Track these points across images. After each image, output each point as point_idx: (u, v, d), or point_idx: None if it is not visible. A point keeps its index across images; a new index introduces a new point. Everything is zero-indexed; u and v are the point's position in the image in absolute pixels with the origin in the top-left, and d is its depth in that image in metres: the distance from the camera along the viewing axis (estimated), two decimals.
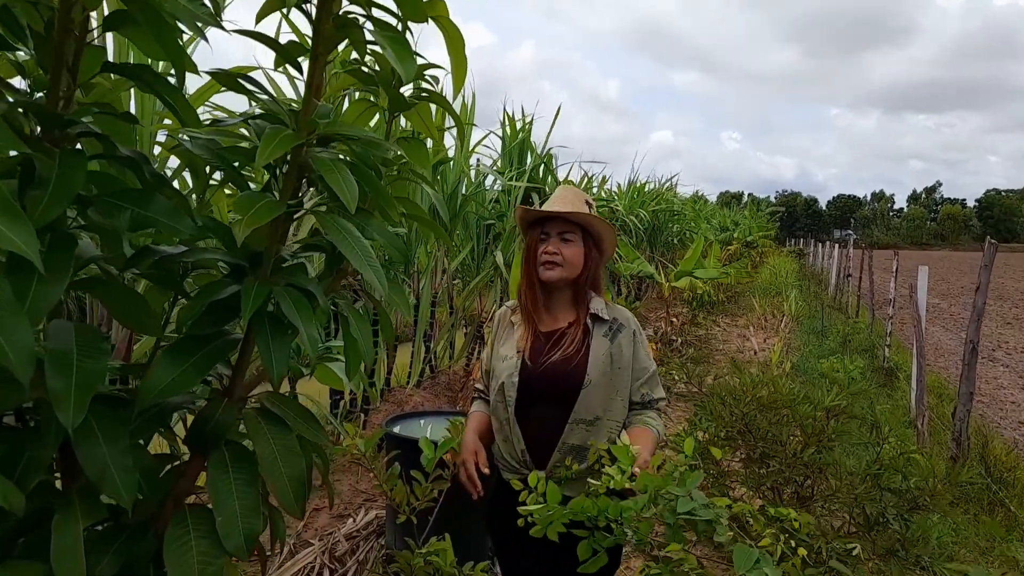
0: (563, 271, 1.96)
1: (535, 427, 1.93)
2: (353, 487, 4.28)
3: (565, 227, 1.97)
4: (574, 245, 1.97)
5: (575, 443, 1.90)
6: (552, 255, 1.96)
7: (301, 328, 0.86)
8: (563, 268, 1.96)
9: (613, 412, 1.93)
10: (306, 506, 2.21)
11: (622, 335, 1.98)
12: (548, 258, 1.96)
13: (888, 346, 8.53)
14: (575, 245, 1.97)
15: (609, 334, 1.97)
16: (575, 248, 1.97)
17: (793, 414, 3.58)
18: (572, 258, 1.96)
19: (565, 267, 1.96)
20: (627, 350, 1.97)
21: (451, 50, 1.28)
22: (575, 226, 1.98)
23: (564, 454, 1.90)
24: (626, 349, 1.97)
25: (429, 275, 6.18)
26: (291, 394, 2.32)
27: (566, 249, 1.96)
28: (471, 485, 1.96)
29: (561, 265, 1.95)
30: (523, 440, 1.94)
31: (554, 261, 1.96)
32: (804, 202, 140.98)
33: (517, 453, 1.95)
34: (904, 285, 9.70)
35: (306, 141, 0.89)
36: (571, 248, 1.97)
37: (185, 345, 0.90)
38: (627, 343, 1.98)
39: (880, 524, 3.16)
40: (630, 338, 1.99)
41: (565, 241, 1.96)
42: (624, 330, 2.00)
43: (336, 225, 0.87)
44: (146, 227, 0.79)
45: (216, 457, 0.97)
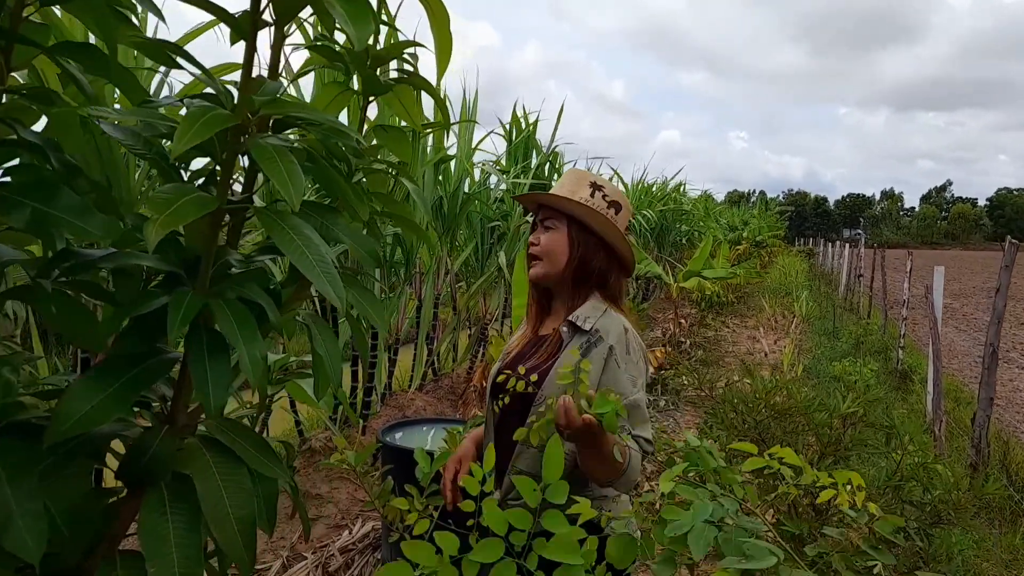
0: (543, 266, 1.71)
1: (501, 441, 1.68)
2: (351, 495, 4.15)
3: (548, 213, 1.74)
4: (554, 233, 1.71)
5: (524, 468, 1.61)
6: (532, 246, 1.73)
7: (242, 347, 0.72)
8: (542, 262, 1.71)
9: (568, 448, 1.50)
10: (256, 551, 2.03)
11: (596, 350, 1.61)
12: (530, 250, 1.73)
13: (902, 348, 8.33)
14: (556, 233, 1.70)
15: (584, 347, 1.62)
16: (555, 236, 1.70)
17: (808, 422, 3.44)
18: (549, 246, 1.70)
19: (544, 260, 1.71)
20: (594, 368, 1.58)
21: (434, 27, 1.13)
22: (559, 212, 1.72)
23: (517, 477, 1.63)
24: (594, 367, 1.58)
25: (431, 276, 6.04)
26: (267, 409, 2.18)
27: (544, 237, 1.71)
28: (444, 493, 1.73)
29: (539, 258, 1.71)
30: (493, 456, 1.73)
31: (534, 254, 1.72)
32: (813, 201, 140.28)
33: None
34: (917, 285, 9.50)
35: (247, 124, 0.74)
36: (550, 236, 1.71)
37: (109, 367, 0.76)
38: (597, 360, 1.60)
39: (901, 539, 2.99)
40: (603, 354, 1.60)
41: (546, 229, 1.72)
42: (600, 344, 1.61)
43: (279, 224, 0.73)
44: (49, 226, 0.65)
45: (152, 496, 0.83)
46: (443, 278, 6.13)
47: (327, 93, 1.15)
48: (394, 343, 5.61)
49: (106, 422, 0.74)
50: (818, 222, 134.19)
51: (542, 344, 1.73)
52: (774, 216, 33.58)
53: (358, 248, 0.89)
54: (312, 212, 0.88)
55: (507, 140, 7.00)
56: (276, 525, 3.11)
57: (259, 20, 0.76)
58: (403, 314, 5.74)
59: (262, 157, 0.69)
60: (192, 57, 0.79)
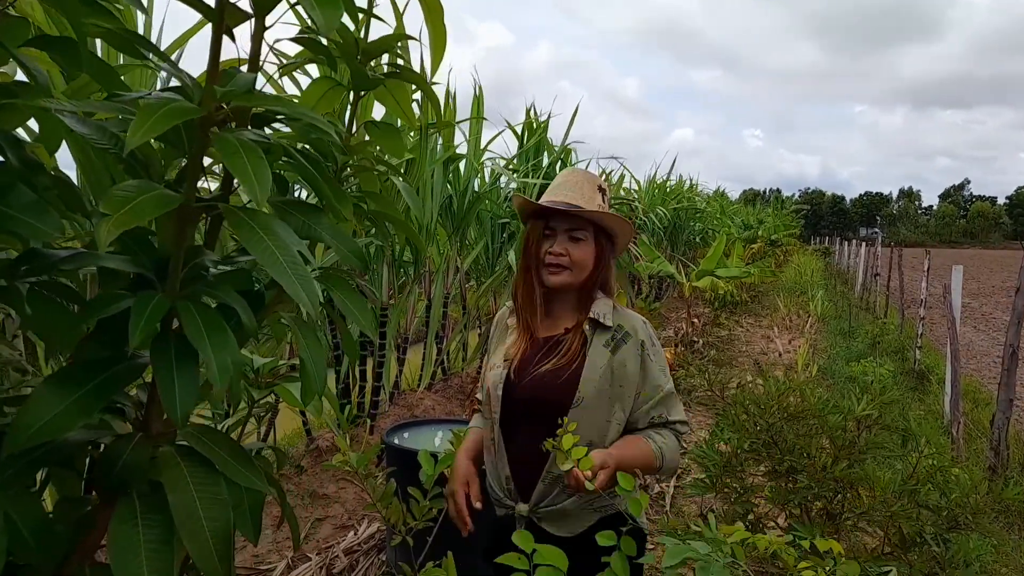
0: (571, 275, 1.67)
1: (521, 451, 1.65)
2: (358, 496, 4.12)
3: (576, 224, 1.66)
4: (585, 245, 1.67)
5: (561, 473, 1.57)
6: (558, 256, 1.66)
7: (209, 353, 0.68)
8: (571, 272, 1.66)
9: (610, 438, 1.63)
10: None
11: (627, 346, 1.66)
12: (554, 260, 1.66)
13: (919, 348, 8.21)
14: (586, 245, 1.67)
15: (611, 344, 1.65)
16: (586, 248, 1.67)
17: (822, 424, 3.36)
18: (582, 260, 1.67)
19: (573, 270, 1.66)
20: (632, 364, 1.65)
21: (428, 19, 1.09)
22: (587, 222, 1.67)
23: (549, 486, 1.62)
24: (631, 363, 1.64)
25: (441, 275, 6.01)
26: (274, 408, 2.16)
27: (575, 250, 1.66)
28: (460, 521, 1.70)
29: (569, 268, 1.66)
30: (508, 465, 1.67)
31: (560, 264, 1.66)
32: (830, 200, 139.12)
33: (501, 480, 1.69)
34: (935, 284, 9.36)
35: (214, 118, 0.70)
36: (581, 248, 1.66)
37: (74, 372, 0.72)
38: (632, 356, 1.65)
39: (917, 544, 2.93)
40: (636, 350, 1.66)
41: (574, 240, 1.66)
42: (630, 340, 1.67)
43: (247, 223, 0.69)
44: (2, 225, 0.61)
45: (123, 507, 0.79)
46: (453, 277, 6.10)
47: (317, 88, 1.11)
48: (403, 342, 5.58)
49: (70, 430, 0.71)
50: (834, 221, 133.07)
51: (554, 345, 1.69)
52: (789, 215, 33.30)
53: (341, 248, 0.85)
54: (292, 211, 0.85)
55: (518, 140, 6.96)
56: (278, 526, 3.09)
57: (226, 5, 0.72)
58: (412, 313, 5.71)
59: (225, 151, 0.65)
60: (155, 47, 0.75)
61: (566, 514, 1.63)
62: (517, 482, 1.67)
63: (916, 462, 3.03)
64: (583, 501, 1.62)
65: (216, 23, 0.72)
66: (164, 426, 0.85)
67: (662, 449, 1.62)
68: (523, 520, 1.67)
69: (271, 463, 1.15)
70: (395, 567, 2.86)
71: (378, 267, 4.89)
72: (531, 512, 1.65)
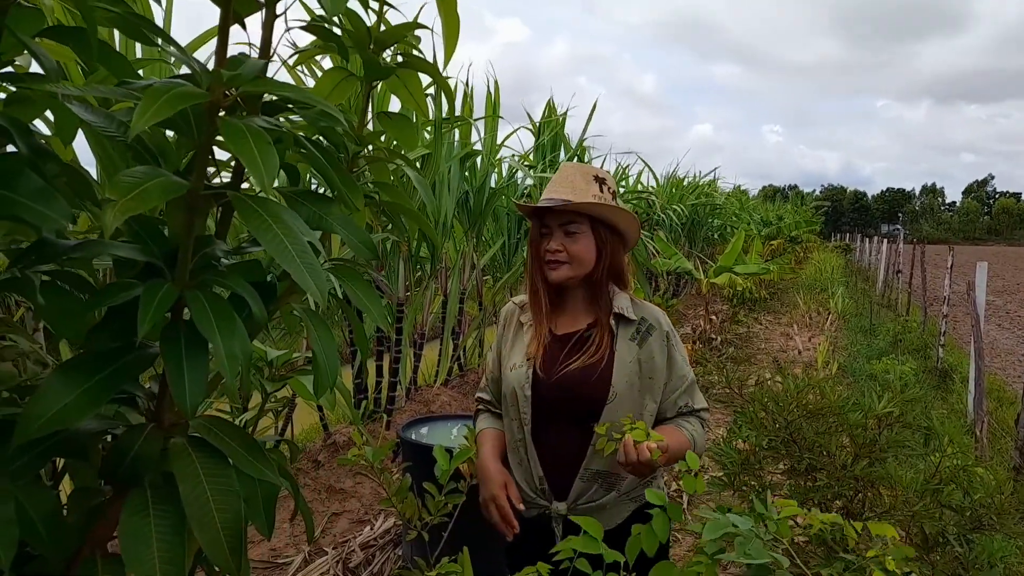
0: (570, 269, 1.66)
1: (553, 450, 1.65)
2: (375, 491, 4.14)
3: (568, 217, 1.66)
4: (581, 238, 1.65)
5: (600, 468, 1.62)
6: (555, 253, 1.65)
7: (218, 342, 0.67)
8: (570, 266, 1.65)
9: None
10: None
11: (653, 337, 1.67)
12: (551, 257, 1.66)
13: (942, 346, 8.08)
14: (582, 237, 1.66)
15: (637, 337, 1.67)
16: (583, 240, 1.66)
17: (842, 422, 3.32)
18: (579, 253, 1.66)
19: (572, 264, 1.66)
20: (659, 356, 1.67)
21: (441, 7, 1.08)
22: (581, 215, 1.66)
23: (588, 482, 1.62)
24: (658, 355, 1.66)
25: (457, 271, 6.01)
26: (291, 402, 2.17)
27: (571, 244, 1.65)
28: (507, 526, 1.67)
29: (567, 263, 1.66)
30: (540, 465, 1.66)
31: (558, 259, 1.66)
32: (851, 196, 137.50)
33: (534, 481, 1.67)
34: (958, 281, 9.21)
35: (221, 104, 0.70)
36: (577, 242, 1.65)
37: (85, 362, 0.72)
38: (659, 347, 1.67)
39: (940, 544, 2.88)
40: (662, 341, 1.68)
41: (569, 235, 1.65)
42: (655, 332, 1.68)
43: (256, 211, 0.68)
44: (8, 212, 0.61)
45: (134, 498, 0.79)
46: (469, 273, 6.09)
47: (330, 78, 1.10)
48: (420, 338, 5.59)
49: (80, 421, 0.70)
50: (855, 217, 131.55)
51: (579, 342, 1.68)
52: (810, 211, 32.95)
53: (352, 238, 0.84)
54: (303, 200, 0.84)
55: (535, 135, 6.94)
56: (295, 520, 3.10)
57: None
58: (429, 309, 5.71)
59: (230, 134, 0.64)
60: (165, 33, 0.75)
61: (604, 508, 1.64)
62: (552, 481, 1.66)
63: (939, 461, 2.98)
64: (621, 493, 1.64)
65: (223, 5, 0.71)
66: (176, 417, 0.85)
67: (694, 436, 1.67)
68: (560, 519, 1.66)
69: (285, 456, 1.15)
70: (410, 562, 2.86)
71: (394, 263, 4.89)
72: (569, 510, 1.64)
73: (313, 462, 4.30)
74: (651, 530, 1.20)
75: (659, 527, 1.20)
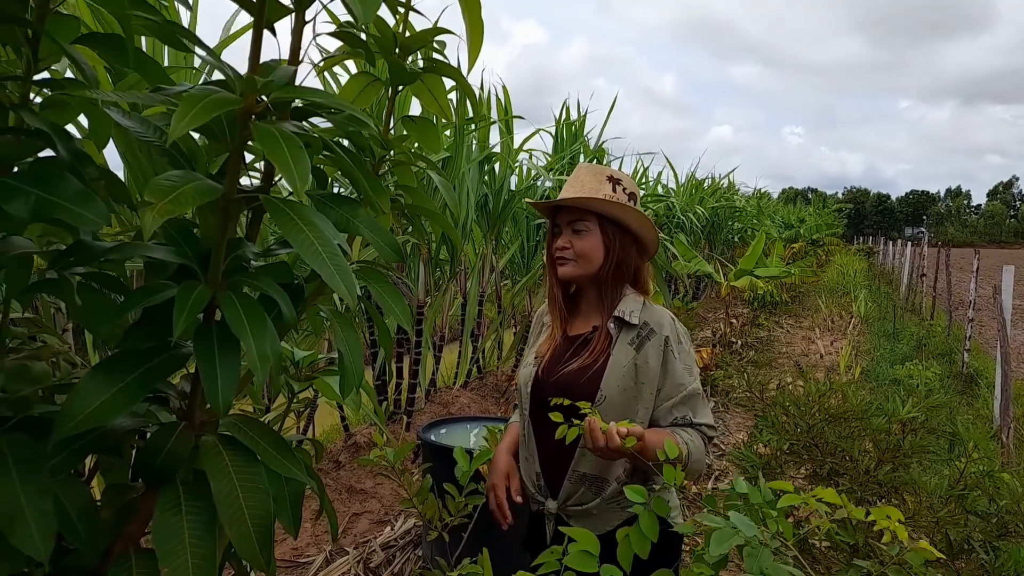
0: (576, 267, 1.67)
1: (550, 448, 1.65)
2: (395, 492, 4.16)
3: (575, 216, 1.68)
4: (587, 235, 1.66)
5: (587, 471, 1.62)
6: (562, 250, 1.68)
7: (250, 342, 0.69)
8: (577, 264, 1.67)
9: None
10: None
11: (650, 343, 1.63)
12: (559, 254, 1.68)
13: (967, 350, 7.96)
14: (589, 235, 1.66)
15: (635, 342, 1.64)
16: (589, 239, 1.66)
17: (865, 427, 3.29)
18: (584, 250, 1.66)
19: (579, 262, 1.66)
20: (654, 361, 1.62)
21: (466, 13, 1.09)
22: (588, 213, 1.67)
23: (576, 484, 1.63)
24: (653, 360, 1.62)
25: (476, 273, 6.03)
26: (312, 403, 2.20)
27: (578, 241, 1.66)
28: (499, 515, 1.72)
29: (574, 260, 1.67)
30: (539, 461, 1.69)
31: (564, 257, 1.67)
32: (874, 198, 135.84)
33: (532, 476, 1.71)
34: (984, 285, 9.07)
35: (253, 110, 0.71)
36: (583, 240, 1.66)
37: (120, 361, 0.74)
38: (655, 352, 1.62)
39: (965, 551, 2.84)
40: (660, 346, 1.63)
41: (577, 232, 1.67)
42: (654, 337, 1.64)
43: (286, 212, 0.70)
44: (51, 214, 0.63)
45: (167, 495, 0.81)
46: (488, 275, 6.11)
47: (356, 83, 1.12)
48: (439, 340, 5.62)
49: (115, 418, 0.72)
50: (879, 220, 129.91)
51: (583, 344, 1.69)
52: (832, 213, 32.62)
53: (378, 241, 0.86)
54: (331, 204, 0.86)
55: (554, 137, 6.94)
56: (317, 520, 3.13)
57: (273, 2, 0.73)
58: (448, 311, 5.73)
59: (264, 141, 0.66)
60: (200, 40, 0.77)
61: (591, 514, 1.63)
62: (547, 478, 1.69)
63: (964, 467, 2.94)
64: (610, 501, 1.62)
65: (257, 15, 0.73)
66: (207, 415, 0.87)
67: (688, 445, 1.58)
68: (552, 517, 1.67)
69: (310, 455, 1.16)
70: (431, 562, 2.88)
71: (414, 265, 4.92)
72: (559, 509, 1.66)
73: (334, 462, 4.34)
74: (639, 531, 1.14)
75: (647, 527, 1.14)
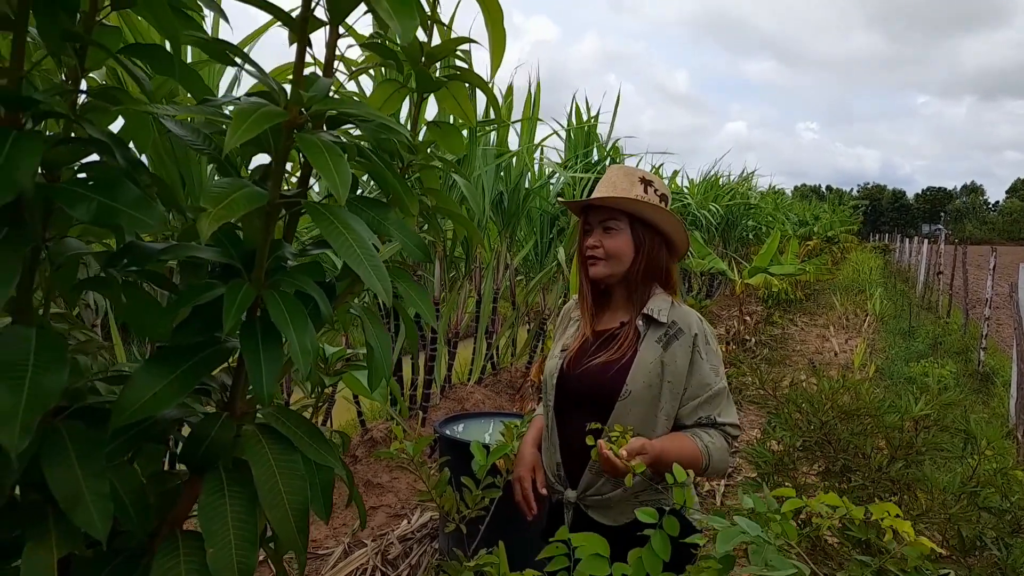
0: (607, 266, 1.71)
1: (572, 440, 1.70)
2: (411, 486, 4.22)
3: (607, 215, 1.72)
4: (618, 235, 1.70)
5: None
6: (593, 249, 1.72)
7: (293, 337, 0.74)
8: (607, 263, 1.71)
9: (658, 433, 1.64)
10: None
11: (678, 342, 1.67)
12: (589, 253, 1.73)
13: (984, 349, 7.92)
14: (620, 235, 1.71)
15: (663, 340, 1.67)
16: (620, 238, 1.71)
17: (878, 424, 3.31)
18: (616, 250, 1.70)
19: (609, 261, 1.71)
20: (682, 360, 1.65)
21: (489, 22, 1.14)
22: (619, 213, 1.71)
23: (596, 475, 1.67)
24: (681, 359, 1.65)
25: (491, 271, 6.08)
26: (330, 399, 2.27)
27: (608, 240, 1.70)
28: (525, 506, 1.78)
29: (604, 259, 1.71)
30: (559, 452, 1.74)
31: (595, 256, 1.72)
32: (890, 195, 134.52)
33: (553, 466, 1.76)
34: (1001, 283, 9.01)
35: (297, 121, 0.77)
36: (614, 239, 1.70)
37: (169, 355, 0.80)
38: (683, 352, 1.66)
39: (977, 548, 2.86)
40: (688, 346, 1.66)
41: (608, 231, 1.71)
42: (682, 336, 1.67)
43: (327, 217, 0.75)
44: (111, 219, 0.68)
45: (211, 480, 0.86)
46: (502, 273, 6.16)
47: (382, 91, 1.17)
48: (454, 336, 5.68)
49: (166, 408, 0.78)
50: (895, 217, 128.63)
51: (610, 339, 1.73)
52: (847, 211, 32.37)
53: (407, 242, 0.91)
54: (363, 207, 0.90)
55: (567, 135, 6.98)
56: (335, 513, 3.21)
57: (310, 17, 0.79)
58: (463, 308, 5.79)
59: (310, 150, 0.71)
60: (247, 56, 0.82)
61: (609, 505, 1.67)
62: (567, 469, 1.73)
63: (977, 464, 2.96)
64: (628, 493, 1.65)
65: (300, 33, 0.78)
66: (246, 406, 0.92)
67: (708, 448, 1.61)
68: (571, 506, 1.72)
69: (338, 446, 1.22)
70: (448, 554, 2.93)
71: (430, 263, 4.99)
72: (578, 499, 1.71)
73: (351, 457, 4.41)
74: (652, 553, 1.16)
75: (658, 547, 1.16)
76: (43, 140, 0.66)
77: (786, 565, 0.96)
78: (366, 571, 3.10)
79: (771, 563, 0.96)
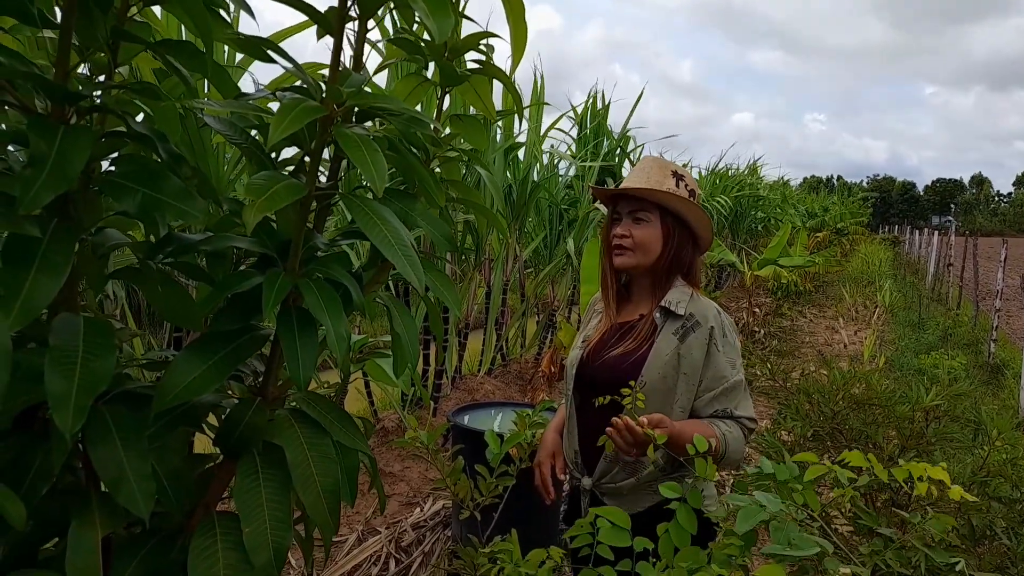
0: (634, 256, 1.71)
1: (589, 428, 1.72)
2: (422, 475, 4.26)
3: (637, 205, 1.71)
4: (648, 226, 1.70)
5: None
6: (621, 238, 1.71)
7: (328, 324, 0.77)
8: (634, 253, 1.71)
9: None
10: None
11: (695, 334, 1.67)
12: (617, 242, 1.72)
13: (994, 340, 7.90)
14: (649, 226, 1.71)
15: (680, 332, 1.67)
16: (649, 229, 1.70)
17: (888, 414, 3.32)
18: (644, 241, 1.70)
19: (637, 252, 1.71)
20: (698, 352, 1.65)
21: (510, 16, 1.16)
22: (650, 204, 1.71)
23: (610, 464, 1.69)
24: (697, 351, 1.65)
25: (500, 263, 6.10)
26: (345, 385, 2.29)
27: (638, 231, 1.70)
28: (543, 490, 1.83)
29: (632, 250, 1.71)
30: (578, 440, 1.77)
31: (623, 245, 1.71)
32: (900, 187, 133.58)
33: (572, 453, 1.80)
34: (1012, 275, 8.97)
35: (334, 115, 0.79)
36: (644, 229, 1.70)
37: (208, 342, 0.83)
38: (699, 344, 1.66)
39: (987, 537, 2.87)
40: (704, 339, 1.66)
41: (637, 222, 1.71)
42: (699, 328, 1.67)
43: (363, 209, 0.77)
44: (156, 210, 0.71)
45: (246, 463, 0.89)
46: (512, 265, 6.18)
47: (406, 84, 1.19)
48: (464, 328, 5.71)
49: (206, 393, 0.81)
50: (905, 208, 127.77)
51: (629, 330, 1.75)
52: (857, 202, 32.21)
53: (434, 232, 0.93)
54: (391, 198, 0.93)
55: (578, 125, 6.97)
56: (348, 502, 3.22)
57: (346, 15, 0.81)
58: (473, 300, 5.82)
59: (347, 145, 0.74)
60: (285, 53, 0.84)
61: (622, 493, 1.70)
62: (584, 456, 1.76)
63: (987, 454, 2.97)
64: (640, 483, 1.68)
65: (338, 31, 0.80)
66: (278, 391, 0.95)
67: (726, 436, 1.62)
68: (587, 493, 1.75)
69: (362, 431, 1.25)
70: (463, 540, 2.97)
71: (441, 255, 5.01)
72: (594, 486, 1.74)
73: None
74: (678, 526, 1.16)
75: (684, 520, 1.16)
76: (92, 135, 0.69)
77: (809, 544, 0.96)
78: (380, 558, 3.14)
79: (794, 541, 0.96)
